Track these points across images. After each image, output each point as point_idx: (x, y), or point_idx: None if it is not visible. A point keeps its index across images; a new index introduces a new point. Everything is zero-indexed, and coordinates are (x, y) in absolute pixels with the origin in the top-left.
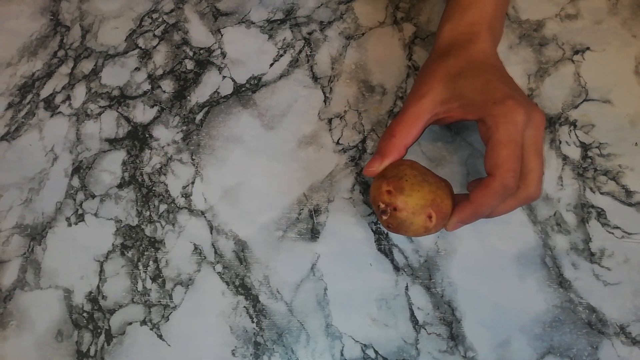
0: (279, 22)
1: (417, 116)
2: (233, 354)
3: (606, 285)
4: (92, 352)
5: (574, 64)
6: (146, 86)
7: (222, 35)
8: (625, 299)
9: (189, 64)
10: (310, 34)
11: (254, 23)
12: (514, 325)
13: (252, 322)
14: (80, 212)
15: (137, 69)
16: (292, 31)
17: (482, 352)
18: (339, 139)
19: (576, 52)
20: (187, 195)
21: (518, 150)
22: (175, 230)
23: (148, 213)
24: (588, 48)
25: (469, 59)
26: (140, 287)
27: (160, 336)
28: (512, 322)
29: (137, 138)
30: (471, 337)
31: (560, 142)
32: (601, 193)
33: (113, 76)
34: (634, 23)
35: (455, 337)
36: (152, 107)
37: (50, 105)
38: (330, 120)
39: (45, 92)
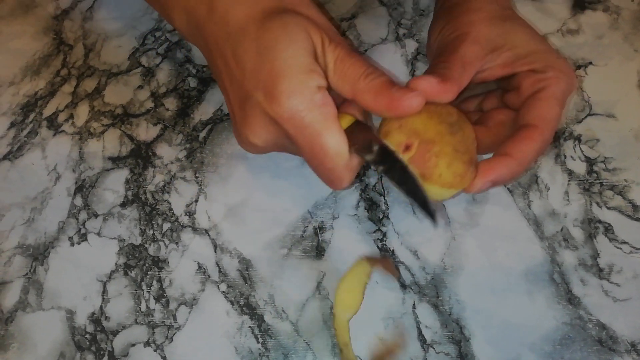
0: None
1: (467, 62)
2: None
3: (616, 302)
4: None
5: (577, 78)
6: (149, 104)
7: None
8: (635, 315)
9: (192, 82)
10: None
11: None
12: (523, 343)
13: (258, 342)
14: (83, 231)
15: (140, 87)
16: None
17: None
18: None
19: (579, 67)
20: (190, 214)
21: (563, 111)
22: (179, 249)
23: (151, 232)
24: (590, 63)
25: (507, 6)
26: (143, 307)
27: (164, 357)
28: (522, 340)
29: (141, 156)
30: (480, 356)
31: (565, 157)
32: (608, 208)
33: (116, 94)
34: (636, 37)
35: (464, 356)
36: (155, 125)
37: (53, 124)
38: None
39: (48, 111)
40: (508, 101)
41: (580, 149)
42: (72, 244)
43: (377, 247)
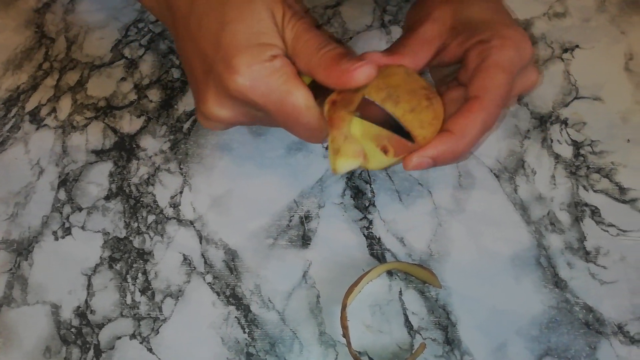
0: None
1: (425, 40)
2: None
3: (602, 284)
4: None
5: (564, 62)
6: (133, 96)
7: None
8: (622, 297)
9: (176, 73)
10: None
11: None
12: (510, 328)
13: (244, 332)
14: (67, 225)
15: (124, 79)
16: None
17: (479, 356)
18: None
19: (565, 50)
20: (175, 205)
21: (512, 82)
22: (164, 241)
23: (136, 224)
24: (577, 46)
25: None
26: (129, 300)
27: (150, 350)
28: (508, 324)
29: (124, 149)
30: (467, 342)
31: (552, 141)
32: (595, 191)
33: (99, 87)
34: (622, 20)
35: (450, 342)
36: (138, 117)
37: (35, 118)
38: None
39: (30, 105)
40: (460, 78)
41: (567, 132)
42: (57, 238)
43: (364, 235)
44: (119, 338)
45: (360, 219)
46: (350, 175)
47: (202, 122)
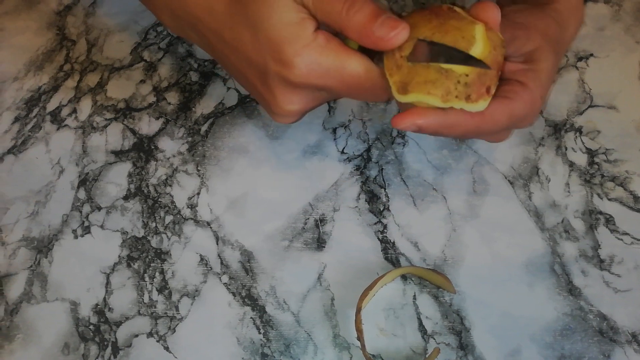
0: None
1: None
2: None
3: (617, 292)
4: None
5: (578, 70)
6: (151, 98)
7: None
8: (636, 305)
9: (194, 76)
10: None
11: None
12: (524, 334)
13: (259, 333)
14: (86, 224)
15: (143, 81)
16: None
17: None
18: (344, 148)
19: (580, 59)
20: (192, 206)
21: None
22: (181, 241)
23: (154, 224)
24: (592, 54)
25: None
26: (146, 298)
27: (166, 348)
28: (522, 330)
29: (143, 150)
30: (481, 347)
31: (566, 149)
32: (609, 199)
33: (118, 89)
34: (637, 29)
35: (464, 347)
36: (157, 119)
37: (56, 118)
38: (334, 130)
39: (51, 106)
40: None
41: (582, 140)
42: (76, 237)
43: (378, 239)
44: (136, 336)
45: (375, 223)
46: (365, 180)
47: (278, 121)
